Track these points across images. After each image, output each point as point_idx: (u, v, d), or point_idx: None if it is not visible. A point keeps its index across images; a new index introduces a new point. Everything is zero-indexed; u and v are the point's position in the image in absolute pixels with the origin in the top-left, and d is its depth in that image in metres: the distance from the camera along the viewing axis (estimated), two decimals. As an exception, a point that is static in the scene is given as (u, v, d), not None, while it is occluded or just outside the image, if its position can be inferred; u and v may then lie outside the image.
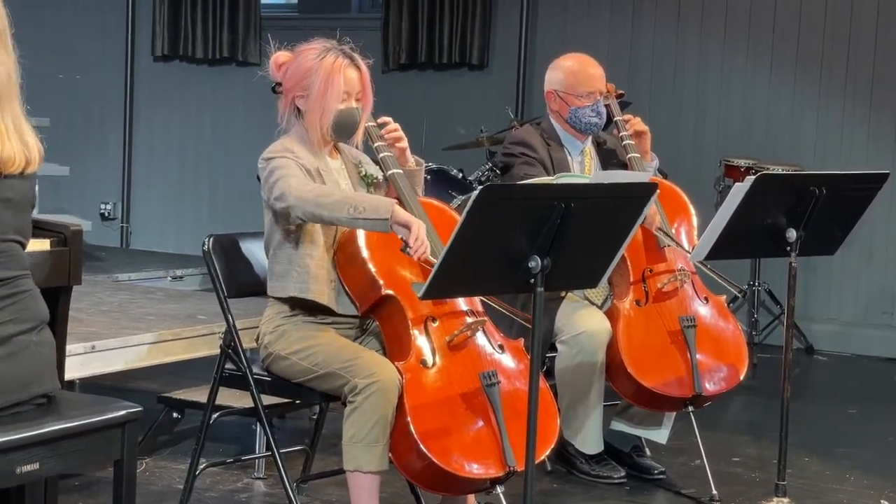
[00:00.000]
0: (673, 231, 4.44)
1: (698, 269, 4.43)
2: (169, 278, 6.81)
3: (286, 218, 3.47)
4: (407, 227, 3.28)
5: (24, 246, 2.79)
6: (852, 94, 7.28)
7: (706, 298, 4.44)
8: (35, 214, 2.89)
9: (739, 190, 3.83)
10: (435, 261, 3.06)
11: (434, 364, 3.38)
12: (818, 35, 7.32)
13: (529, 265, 2.95)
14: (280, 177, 3.42)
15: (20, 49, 2.74)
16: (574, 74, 4.53)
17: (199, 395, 4.34)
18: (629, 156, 4.53)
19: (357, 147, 3.70)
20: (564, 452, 4.46)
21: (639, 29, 7.74)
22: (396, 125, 3.64)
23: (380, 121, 3.63)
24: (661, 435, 4.51)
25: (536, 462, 3.13)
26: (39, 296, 2.82)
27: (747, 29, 7.48)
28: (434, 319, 3.44)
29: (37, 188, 2.87)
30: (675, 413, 4.46)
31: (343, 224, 3.38)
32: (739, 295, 4.50)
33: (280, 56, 3.63)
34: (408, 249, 3.27)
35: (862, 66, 7.24)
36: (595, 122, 4.52)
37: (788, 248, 3.95)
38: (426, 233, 3.29)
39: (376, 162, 3.64)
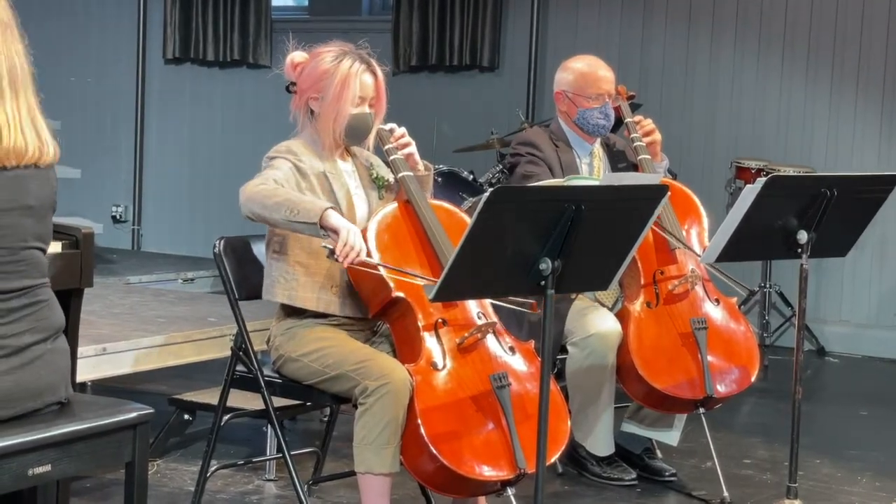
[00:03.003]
0: (683, 233, 4.43)
1: (709, 270, 4.43)
2: (180, 281, 6.82)
3: None
4: (336, 232, 3.26)
5: (44, 251, 2.78)
6: (864, 96, 7.26)
7: (717, 300, 4.43)
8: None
9: (750, 192, 3.82)
10: (371, 260, 3.18)
11: (444, 366, 3.38)
12: (829, 36, 7.31)
13: (540, 267, 2.95)
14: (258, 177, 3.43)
15: (32, 54, 2.73)
16: (584, 76, 4.53)
17: (210, 397, 4.34)
18: (640, 157, 4.52)
19: (368, 149, 3.71)
20: (575, 454, 4.45)
21: (650, 30, 7.73)
22: (403, 130, 3.64)
23: (387, 127, 3.63)
24: (671, 437, 4.50)
25: (547, 464, 3.13)
26: (57, 304, 2.81)
27: (758, 30, 7.47)
28: (444, 322, 3.44)
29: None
30: (685, 415, 4.46)
31: (282, 227, 3.36)
32: (748, 294, 4.48)
33: (296, 56, 3.63)
34: (335, 256, 3.26)
35: (874, 67, 7.22)
36: (602, 124, 4.52)
37: (800, 249, 3.94)
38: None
39: (387, 164, 3.64)
